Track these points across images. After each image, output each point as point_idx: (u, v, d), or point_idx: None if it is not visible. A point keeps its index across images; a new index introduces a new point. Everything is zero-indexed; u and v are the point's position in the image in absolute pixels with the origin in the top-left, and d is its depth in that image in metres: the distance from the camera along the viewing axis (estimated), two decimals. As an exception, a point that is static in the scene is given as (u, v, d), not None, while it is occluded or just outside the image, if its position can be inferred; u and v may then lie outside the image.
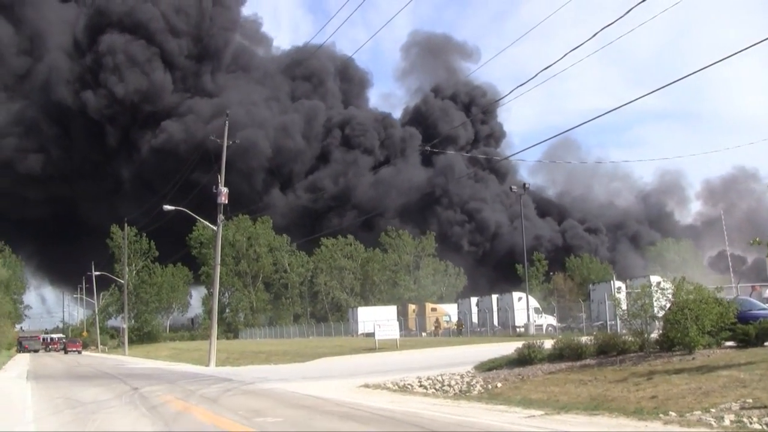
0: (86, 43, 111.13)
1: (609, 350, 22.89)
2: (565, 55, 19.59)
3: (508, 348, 27.11)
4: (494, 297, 68.01)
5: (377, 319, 58.25)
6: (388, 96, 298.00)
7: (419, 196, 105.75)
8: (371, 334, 51.83)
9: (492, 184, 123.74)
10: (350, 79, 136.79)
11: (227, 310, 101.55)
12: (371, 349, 44.97)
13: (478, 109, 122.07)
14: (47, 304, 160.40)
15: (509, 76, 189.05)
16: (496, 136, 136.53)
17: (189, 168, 60.31)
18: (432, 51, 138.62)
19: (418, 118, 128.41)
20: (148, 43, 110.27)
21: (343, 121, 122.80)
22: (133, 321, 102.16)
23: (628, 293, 28.81)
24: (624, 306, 23.70)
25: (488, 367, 25.06)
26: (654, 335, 22.43)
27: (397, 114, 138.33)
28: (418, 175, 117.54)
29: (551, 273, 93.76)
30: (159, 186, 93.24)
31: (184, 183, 60.88)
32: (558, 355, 23.92)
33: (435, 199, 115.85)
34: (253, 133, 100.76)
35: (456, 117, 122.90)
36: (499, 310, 65.52)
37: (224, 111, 53.78)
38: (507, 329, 61.55)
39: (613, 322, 41.80)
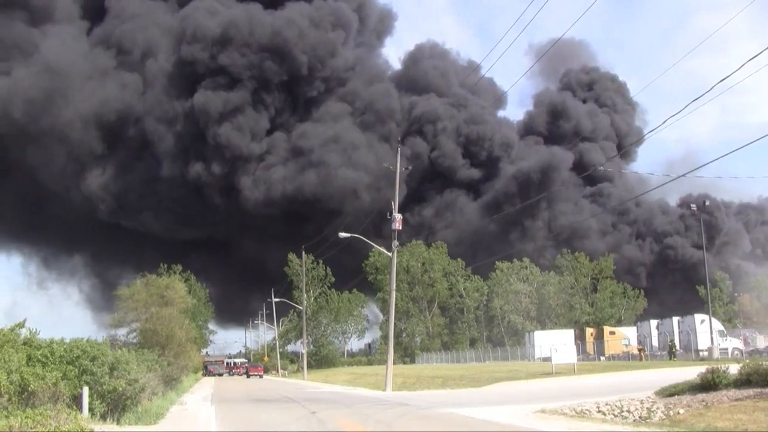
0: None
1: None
2: (742, 66, 18.71)
3: (691, 373, 25.98)
4: (675, 320, 65.68)
5: (554, 343, 57.22)
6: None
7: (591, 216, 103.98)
8: (548, 359, 50.96)
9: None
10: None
11: (403, 335, 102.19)
12: (548, 374, 44.16)
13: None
14: (230, 330, 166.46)
15: (682, 90, 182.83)
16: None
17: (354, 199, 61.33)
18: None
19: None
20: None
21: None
22: (311, 346, 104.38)
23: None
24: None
25: (669, 392, 24.03)
26: None
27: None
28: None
29: (736, 294, 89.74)
30: (334, 214, 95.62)
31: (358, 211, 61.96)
32: (745, 381, 22.61)
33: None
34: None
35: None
36: (680, 333, 63.19)
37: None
38: (689, 353, 59.27)
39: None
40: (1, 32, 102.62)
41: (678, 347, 60.67)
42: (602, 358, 68.99)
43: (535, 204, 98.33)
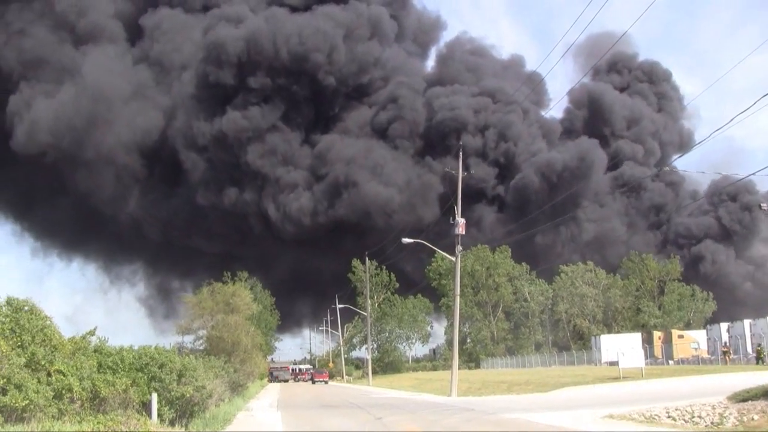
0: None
1: None
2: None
3: (766, 377, 25.42)
4: (747, 322, 64.37)
5: (621, 346, 56.43)
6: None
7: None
8: (615, 363, 50.32)
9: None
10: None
11: (468, 341, 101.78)
12: (615, 378, 43.63)
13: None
14: (295, 336, 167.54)
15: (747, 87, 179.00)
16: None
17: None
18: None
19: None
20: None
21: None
22: (376, 352, 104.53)
23: None
24: None
25: (743, 397, 23.48)
26: None
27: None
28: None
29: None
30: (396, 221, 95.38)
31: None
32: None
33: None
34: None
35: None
36: (752, 336, 61.87)
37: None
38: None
39: None
40: (46, 53, 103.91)
41: (750, 351, 59.44)
42: (671, 362, 67.89)
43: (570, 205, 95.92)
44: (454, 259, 47.60)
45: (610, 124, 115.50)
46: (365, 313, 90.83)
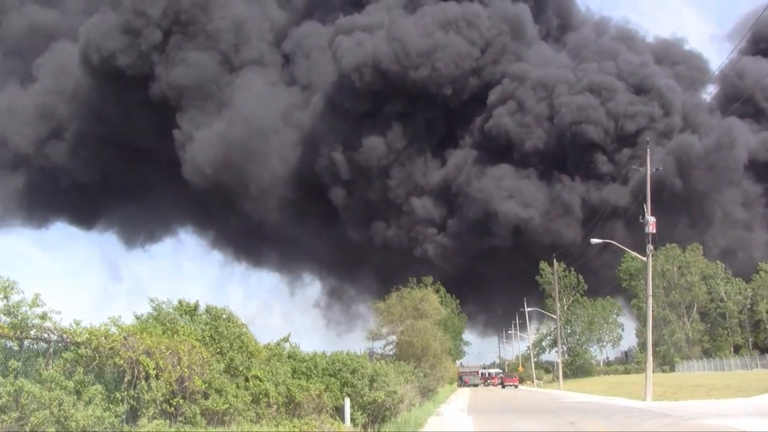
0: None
1: None
2: None
3: None
4: None
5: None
6: None
7: None
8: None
9: None
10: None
11: (661, 343, 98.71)
12: (825, 382, 41.27)
13: None
14: (483, 339, 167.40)
15: None
16: None
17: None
18: None
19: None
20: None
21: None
22: (566, 355, 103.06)
23: None
24: None
25: None
26: None
27: None
28: None
29: None
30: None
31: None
32: None
33: None
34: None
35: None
36: None
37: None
38: None
39: None
40: (204, 82, 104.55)
41: None
42: None
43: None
44: (645, 258, 46.24)
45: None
46: (554, 316, 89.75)
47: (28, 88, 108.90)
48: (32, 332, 12.19)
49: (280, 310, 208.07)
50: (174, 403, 14.51)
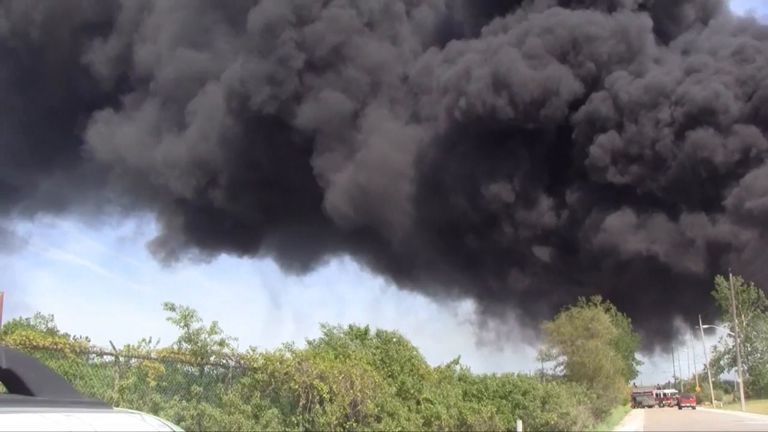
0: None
1: None
2: None
3: None
4: None
5: None
6: None
7: None
8: None
9: None
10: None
11: None
12: None
13: None
14: (656, 360, 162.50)
15: None
16: None
17: None
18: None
19: None
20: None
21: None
22: (747, 375, 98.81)
23: None
24: None
25: None
26: None
27: None
28: None
29: None
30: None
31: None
32: None
33: None
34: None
35: None
36: None
37: None
38: None
39: None
40: (339, 119, 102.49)
41: None
42: None
43: None
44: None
45: None
46: (732, 334, 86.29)
47: (181, 134, 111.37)
48: (212, 358, 12.66)
49: (431, 329, 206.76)
50: (347, 427, 14.72)
